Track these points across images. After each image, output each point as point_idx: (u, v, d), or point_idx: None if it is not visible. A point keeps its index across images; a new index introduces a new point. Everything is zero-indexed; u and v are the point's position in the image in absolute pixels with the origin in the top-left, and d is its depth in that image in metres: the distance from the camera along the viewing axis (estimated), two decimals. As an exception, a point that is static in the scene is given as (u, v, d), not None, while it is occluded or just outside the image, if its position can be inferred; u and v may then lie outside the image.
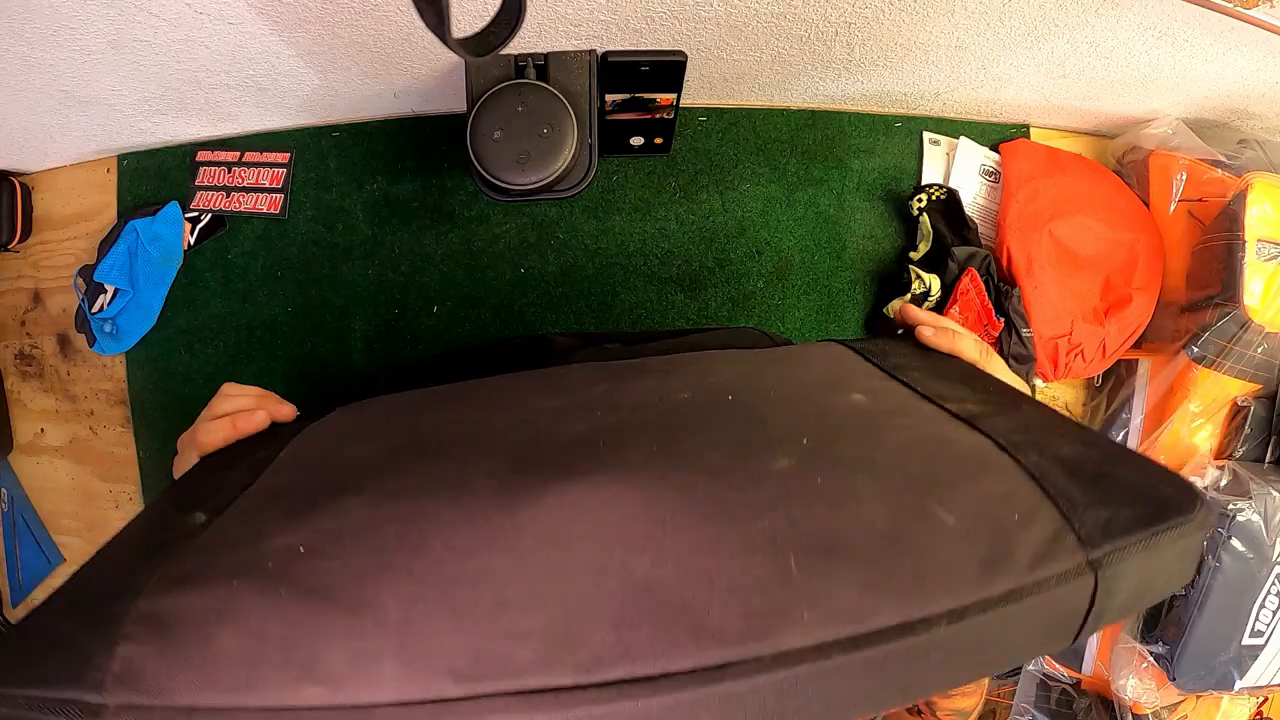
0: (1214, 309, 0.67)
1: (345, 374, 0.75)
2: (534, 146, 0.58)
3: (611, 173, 0.74)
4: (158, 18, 0.52)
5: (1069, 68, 0.66)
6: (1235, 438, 0.69)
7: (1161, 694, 0.71)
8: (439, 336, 0.74)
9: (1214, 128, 0.76)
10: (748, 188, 0.75)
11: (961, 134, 0.77)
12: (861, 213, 0.76)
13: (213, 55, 0.58)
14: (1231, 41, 0.60)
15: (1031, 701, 0.84)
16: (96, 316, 0.74)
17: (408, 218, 0.74)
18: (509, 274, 0.74)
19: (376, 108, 0.72)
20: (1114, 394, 0.77)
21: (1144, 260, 0.72)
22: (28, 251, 0.79)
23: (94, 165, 0.77)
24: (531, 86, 0.59)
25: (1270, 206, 0.65)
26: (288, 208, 0.75)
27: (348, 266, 0.75)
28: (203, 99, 0.67)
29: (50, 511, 0.81)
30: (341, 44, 0.58)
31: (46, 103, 0.64)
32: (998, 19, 0.58)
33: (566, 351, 0.45)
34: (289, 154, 0.75)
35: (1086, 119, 0.78)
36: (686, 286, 0.75)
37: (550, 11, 0.55)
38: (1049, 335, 0.71)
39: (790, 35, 0.60)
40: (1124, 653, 0.72)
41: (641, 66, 0.59)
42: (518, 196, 0.61)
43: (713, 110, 0.75)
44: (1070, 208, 0.72)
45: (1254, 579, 0.65)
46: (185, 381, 0.75)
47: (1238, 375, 0.67)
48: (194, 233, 0.75)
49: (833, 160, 0.76)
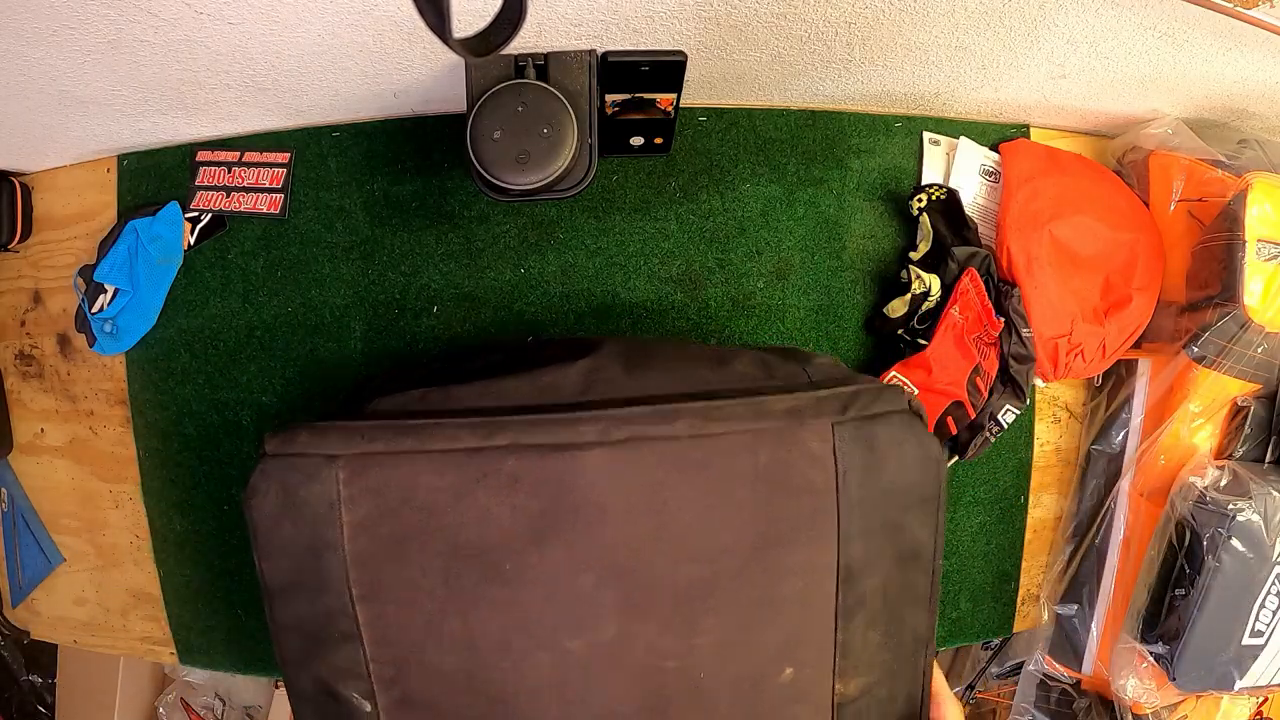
0: (1214, 309, 0.67)
1: (345, 374, 0.75)
2: (534, 146, 0.58)
3: (611, 173, 0.74)
4: (158, 18, 0.52)
5: (1069, 68, 0.66)
6: (1235, 438, 0.69)
7: (1161, 694, 0.71)
8: (439, 336, 0.74)
9: (1214, 128, 0.76)
10: (748, 188, 0.75)
11: (961, 134, 0.77)
12: (861, 213, 0.76)
13: (213, 55, 0.58)
14: (1231, 41, 0.60)
15: (1031, 701, 0.84)
16: (96, 316, 0.74)
17: (408, 218, 0.74)
18: (509, 274, 0.74)
19: (376, 108, 0.72)
20: (1114, 394, 0.77)
21: (1144, 260, 0.72)
22: (28, 251, 0.79)
23: (94, 165, 0.77)
24: (531, 86, 0.59)
25: (1270, 206, 0.65)
26: (288, 208, 0.75)
27: (348, 266, 0.75)
28: (203, 99, 0.67)
29: (50, 511, 0.81)
30: (341, 44, 0.58)
31: (46, 103, 0.64)
32: (998, 19, 0.58)
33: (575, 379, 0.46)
34: (289, 154, 0.75)
35: (1086, 119, 0.78)
36: (686, 286, 0.75)
37: (550, 11, 0.55)
38: (1049, 335, 0.71)
39: (790, 35, 0.60)
40: (1124, 653, 0.72)
41: (641, 66, 0.59)
42: (518, 196, 0.61)
43: (713, 110, 0.75)
44: (1070, 208, 0.72)
45: (1254, 579, 0.65)
46: (185, 381, 0.75)
47: (1238, 375, 0.67)
48: (194, 233, 0.75)
49: (833, 160, 0.76)
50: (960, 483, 0.78)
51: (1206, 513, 0.66)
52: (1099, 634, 0.75)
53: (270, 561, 0.39)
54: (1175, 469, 0.70)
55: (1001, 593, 0.81)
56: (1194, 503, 0.67)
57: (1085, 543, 0.77)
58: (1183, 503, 0.68)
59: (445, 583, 0.38)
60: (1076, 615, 0.77)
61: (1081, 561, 0.78)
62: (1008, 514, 0.80)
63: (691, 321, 0.75)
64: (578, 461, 0.38)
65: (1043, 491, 0.81)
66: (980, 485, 0.79)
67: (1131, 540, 0.73)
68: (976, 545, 0.79)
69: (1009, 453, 0.79)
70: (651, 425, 0.39)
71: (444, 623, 0.39)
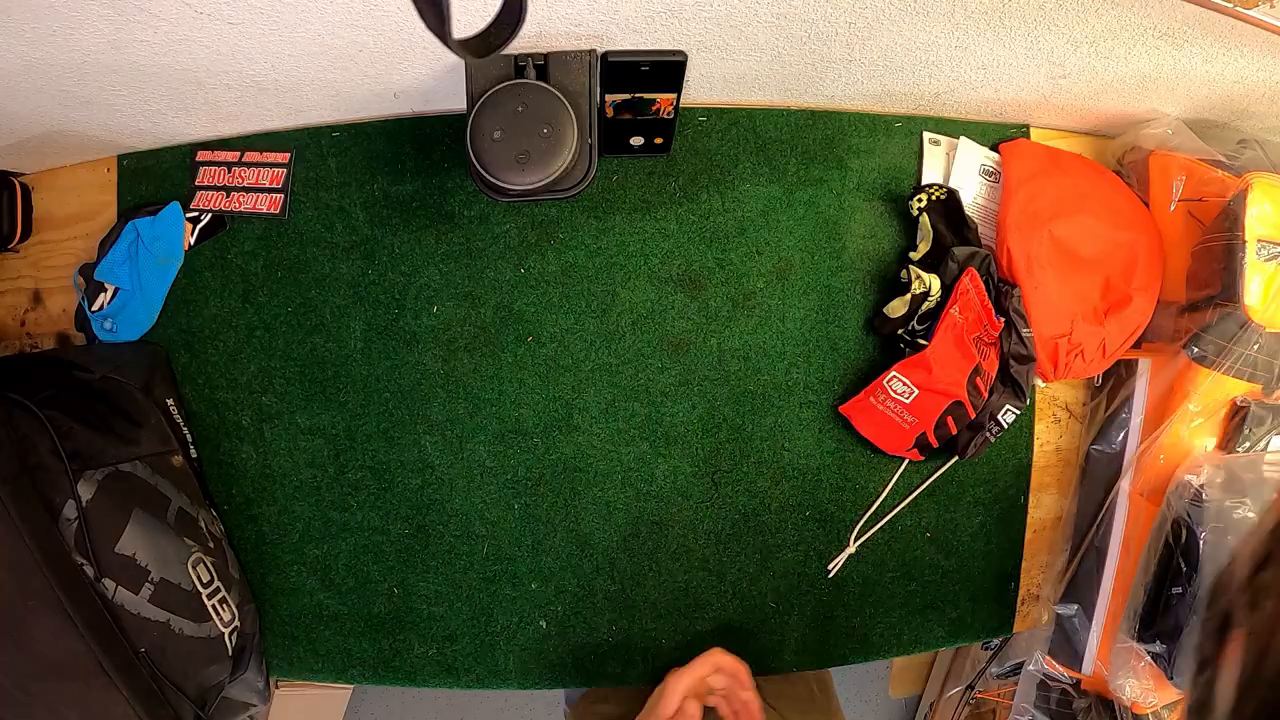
0: (1214, 309, 0.67)
1: (345, 374, 0.75)
2: (534, 146, 0.58)
3: (611, 173, 0.75)
4: (158, 18, 0.52)
5: (1069, 68, 0.66)
6: (1234, 437, 0.69)
7: (1160, 694, 0.71)
8: (439, 336, 0.75)
9: (1214, 128, 0.76)
10: (748, 188, 0.75)
11: (961, 134, 0.77)
12: (861, 213, 0.76)
13: (213, 55, 0.58)
14: (1231, 41, 0.60)
15: (1031, 701, 0.84)
16: (96, 314, 0.74)
17: (408, 218, 0.74)
18: (509, 274, 0.74)
19: (376, 108, 0.72)
20: (1114, 394, 0.77)
21: (1144, 260, 0.72)
22: (28, 251, 0.79)
23: (94, 165, 0.77)
24: (531, 86, 0.59)
25: (1270, 206, 0.65)
26: (288, 208, 0.75)
27: (348, 266, 0.75)
28: (203, 99, 0.67)
29: (50, 511, 0.81)
30: (341, 44, 0.58)
31: (46, 103, 0.64)
32: (998, 19, 0.58)
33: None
34: (289, 154, 0.75)
35: (1086, 119, 0.78)
36: (686, 286, 0.75)
37: (550, 11, 0.55)
38: (1049, 335, 0.71)
39: (790, 35, 0.60)
40: (1121, 652, 0.72)
41: (641, 66, 0.59)
42: (518, 196, 0.61)
43: (713, 110, 0.75)
44: (1070, 208, 0.72)
45: (1253, 579, 0.65)
46: (185, 381, 0.76)
47: (1237, 375, 0.67)
48: (194, 233, 0.75)
49: (833, 160, 0.76)
50: (960, 483, 0.78)
51: (1203, 510, 0.66)
52: (1099, 634, 0.75)
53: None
54: (1175, 469, 0.70)
55: (1001, 593, 0.81)
56: (1190, 500, 0.67)
57: (1085, 543, 0.77)
58: (1179, 501, 0.68)
59: None
60: (1076, 615, 0.77)
61: (1081, 561, 0.78)
62: (1008, 514, 0.80)
63: (692, 321, 0.75)
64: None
65: (1043, 491, 0.81)
66: (980, 485, 0.79)
67: (1131, 540, 0.73)
68: (976, 545, 0.80)
69: (1009, 453, 0.79)
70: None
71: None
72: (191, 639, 0.63)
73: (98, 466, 0.60)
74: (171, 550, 0.63)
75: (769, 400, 0.76)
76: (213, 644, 0.65)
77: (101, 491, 0.59)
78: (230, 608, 0.67)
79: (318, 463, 0.75)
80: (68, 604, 0.54)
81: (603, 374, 0.75)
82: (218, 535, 0.71)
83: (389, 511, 0.76)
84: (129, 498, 0.61)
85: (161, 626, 0.61)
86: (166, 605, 0.61)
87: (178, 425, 0.73)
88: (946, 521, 0.79)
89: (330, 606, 0.76)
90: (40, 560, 0.54)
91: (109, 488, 0.60)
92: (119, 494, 0.61)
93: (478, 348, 0.75)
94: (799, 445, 0.76)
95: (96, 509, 0.58)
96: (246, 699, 0.73)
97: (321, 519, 0.76)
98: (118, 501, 0.60)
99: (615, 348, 0.75)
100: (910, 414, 0.71)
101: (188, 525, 0.66)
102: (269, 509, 0.76)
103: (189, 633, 0.63)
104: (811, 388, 0.76)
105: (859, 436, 0.76)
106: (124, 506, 0.60)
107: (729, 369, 0.76)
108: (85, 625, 0.55)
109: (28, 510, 0.54)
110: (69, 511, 0.57)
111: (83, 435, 0.60)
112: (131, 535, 0.60)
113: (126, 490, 0.62)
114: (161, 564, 0.61)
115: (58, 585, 0.54)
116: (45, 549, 0.54)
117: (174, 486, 0.66)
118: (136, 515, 0.61)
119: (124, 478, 0.62)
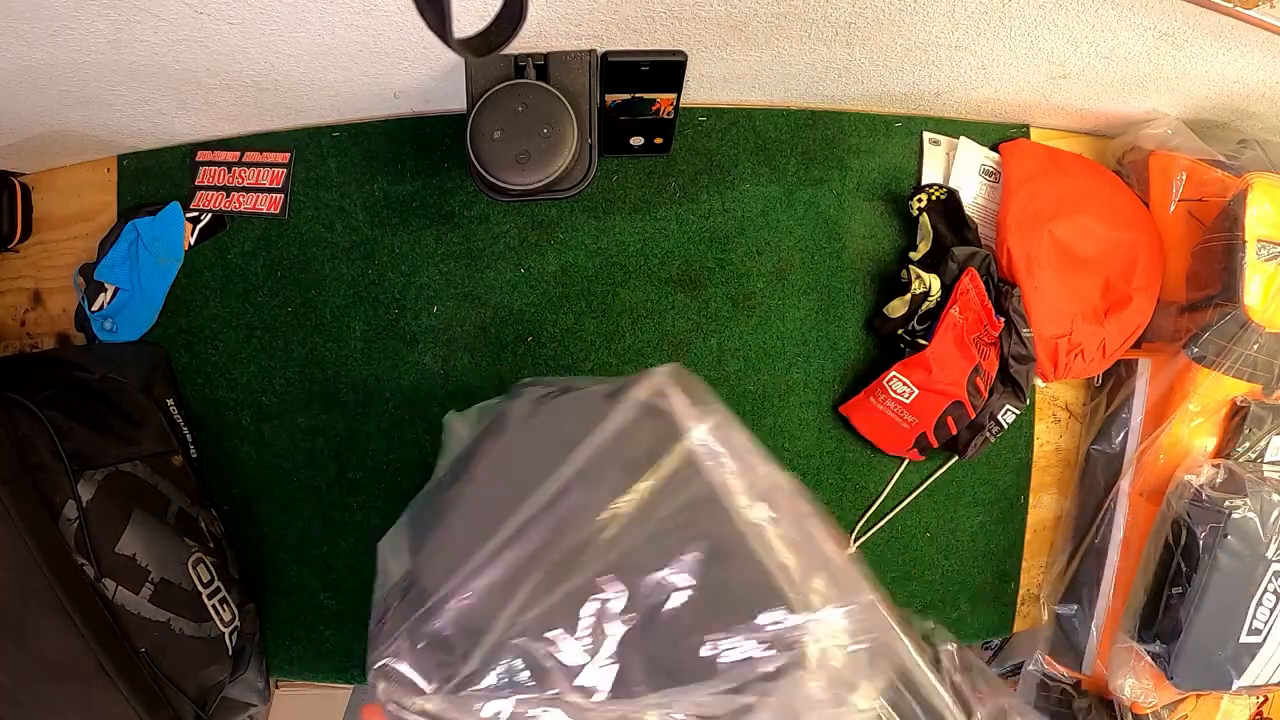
0: (1214, 309, 0.67)
1: (345, 374, 0.75)
2: (534, 146, 0.58)
3: (611, 173, 0.74)
4: (158, 18, 0.52)
5: (1069, 68, 0.66)
6: (1234, 437, 0.69)
7: (1160, 693, 0.71)
8: (439, 336, 0.75)
9: (1214, 128, 0.76)
10: (748, 188, 0.75)
11: (961, 134, 0.77)
12: (861, 213, 0.76)
13: (213, 55, 0.58)
14: (1231, 41, 0.60)
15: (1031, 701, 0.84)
16: (96, 314, 0.74)
17: (408, 218, 0.74)
18: (509, 274, 0.74)
19: (376, 108, 0.72)
20: (1114, 394, 0.77)
21: (1144, 260, 0.72)
22: (28, 251, 0.79)
23: (94, 165, 0.77)
24: (531, 86, 0.59)
25: (1270, 206, 0.65)
26: (288, 208, 0.75)
27: (348, 266, 0.75)
28: (203, 99, 0.67)
29: (50, 511, 0.81)
30: (341, 44, 0.58)
31: (46, 103, 0.64)
32: (998, 19, 0.58)
33: None
34: (289, 154, 0.75)
35: (1086, 119, 0.78)
36: (686, 286, 0.75)
37: (550, 11, 0.55)
38: (1049, 335, 0.71)
39: (790, 35, 0.60)
40: (1121, 652, 0.72)
41: (642, 66, 0.59)
42: (518, 196, 0.61)
43: (713, 110, 0.75)
44: (1070, 208, 0.72)
45: (1250, 577, 0.65)
46: (185, 381, 0.75)
47: (1237, 375, 0.67)
48: (194, 233, 0.75)
49: (833, 160, 0.76)
50: (960, 483, 0.78)
51: (1202, 510, 0.66)
52: (1099, 634, 0.75)
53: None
54: (1175, 469, 0.70)
55: (1001, 593, 0.81)
56: (1190, 501, 0.67)
57: (1085, 543, 0.77)
58: (1179, 501, 0.68)
59: None
60: (1076, 615, 0.77)
61: (1081, 561, 0.78)
62: (1008, 514, 0.80)
63: (692, 321, 0.75)
64: None
65: (1043, 491, 0.81)
66: (980, 485, 0.79)
67: (1131, 540, 0.73)
68: (976, 545, 0.80)
69: (1009, 453, 0.79)
70: None
71: None
72: (192, 639, 0.63)
73: (98, 466, 0.60)
74: (171, 550, 0.63)
75: (769, 400, 0.76)
76: (213, 644, 0.65)
77: (101, 491, 0.59)
78: (230, 608, 0.67)
79: (318, 463, 0.75)
80: (68, 604, 0.54)
81: (603, 374, 0.75)
82: (218, 535, 0.71)
83: (389, 511, 0.76)
84: (129, 498, 0.61)
85: (161, 626, 0.61)
86: (166, 605, 0.61)
87: (178, 425, 0.73)
88: (946, 521, 0.79)
89: (330, 606, 0.76)
90: (40, 560, 0.53)
91: (109, 488, 0.60)
92: (119, 494, 0.61)
93: (478, 348, 0.75)
94: (799, 445, 0.76)
95: (96, 509, 0.58)
96: (246, 699, 0.73)
97: (321, 519, 0.76)
98: (118, 501, 0.60)
99: (615, 347, 0.75)
100: (910, 414, 0.71)
101: (188, 525, 0.66)
102: (269, 509, 0.76)
103: (189, 633, 0.62)
104: (811, 388, 0.76)
105: (859, 436, 0.76)
106: (124, 506, 0.60)
107: (729, 369, 0.76)
108: (85, 625, 0.55)
109: (28, 510, 0.54)
110: (69, 511, 0.57)
111: (83, 435, 0.60)
112: (131, 535, 0.60)
113: (126, 490, 0.62)
114: (161, 564, 0.61)
115: (58, 585, 0.54)
116: (45, 549, 0.54)
117: (174, 486, 0.66)
118: (136, 515, 0.61)
119: (124, 478, 0.62)
